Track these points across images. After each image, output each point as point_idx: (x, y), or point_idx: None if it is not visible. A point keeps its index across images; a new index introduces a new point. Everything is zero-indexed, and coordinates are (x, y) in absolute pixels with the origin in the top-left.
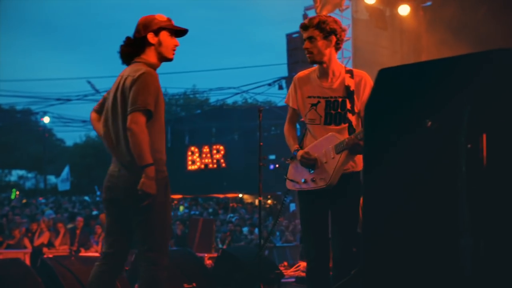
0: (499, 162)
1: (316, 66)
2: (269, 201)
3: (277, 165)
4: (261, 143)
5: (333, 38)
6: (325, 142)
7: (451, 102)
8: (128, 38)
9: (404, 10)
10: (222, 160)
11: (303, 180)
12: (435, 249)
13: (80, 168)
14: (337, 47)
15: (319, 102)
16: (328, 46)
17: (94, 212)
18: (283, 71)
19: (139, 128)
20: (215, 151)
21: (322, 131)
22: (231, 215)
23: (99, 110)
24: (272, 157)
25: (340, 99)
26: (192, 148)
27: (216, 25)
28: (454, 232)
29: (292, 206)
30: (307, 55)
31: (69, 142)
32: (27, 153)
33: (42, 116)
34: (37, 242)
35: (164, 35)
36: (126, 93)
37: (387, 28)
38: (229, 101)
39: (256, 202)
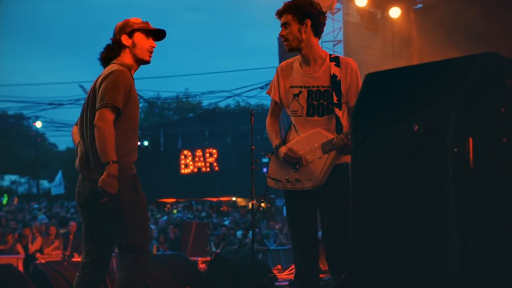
0: (485, 164)
1: (298, 55)
2: (262, 204)
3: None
4: (253, 147)
5: (308, 22)
6: (310, 139)
7: (438, 106)
8: (107, 45)
9: (395, 12)
10: (215, 164)
11: (287, 179)
12: (423, 250)
13: (72, 173)
14: (316, 31)
15: (301, 92)
16: (304, 30)
17: None
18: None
19: (105, 124)
20: (208, 155)
21: (304, 123)
22: (225, 218)
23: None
24: (265, 160)
25: (322, 89)
26: (185, 152)
27: (208, 29)
28: (442, 234)
29: (285, 210)
30: (284, 43)
31: (61, 147)
32: (20, 158)
33: (35, 121)
34: (31, 249)
35: (138, 36)
36: (97, 91)
37: (378, 30)
38: (222, 104)
39: (250, 205)
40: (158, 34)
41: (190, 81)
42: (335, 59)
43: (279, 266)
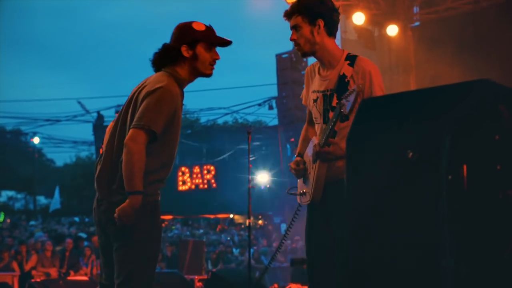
0: (479, 191)
1: None
2: (260, 221)
3: (267, 185)
4: (250, 165)
5: (321, 22)
6: (309, 149)
7: (432, 132)
8: (163, 45)
9: (392, 30)
10: (213, 181)
11: (301, 193)
12: (417, 271)
13: (69, 189)
14: (330, 31)
15: (318, 97)
16: (317, 32)
17: (81, 234)
18: (273, 91)
19: (136, 147)
20: (205, 172)
21: (320, 132)
22: (222, 236)
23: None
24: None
25: (329, 92)
26: (183, 169)
27: None
28: (436, 255)
29: (283, 227)
30: (295, 48)
31: (59, 163)
32: (17, 174)
33: (32, 137)
34: (27, 267)
35: (201, 48)
36: (138, 105)
37: (375, 48)
38: (220, 121)
39: (247, 223)
40: (221, 43)
41: (188, 98)
42: (351, 58)
43: (275, 285)
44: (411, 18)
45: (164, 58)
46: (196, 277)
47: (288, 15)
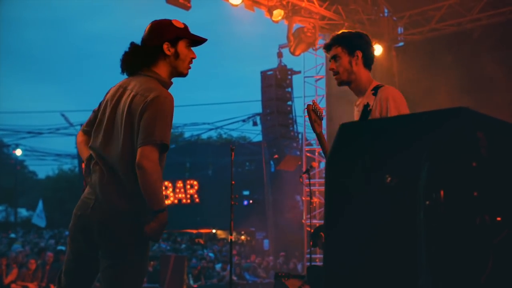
0: (456, 217)
1: None
2: (242, 237)
3: (250, 201)
4: (233, 182)
5: (359, 53)
6: None
7: (410, 158)
8: (134, 45)
9: (377, 50)
10: (195, 195)
11: None
12: None
13: (52, 202)
14: (367, 63)
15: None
16: (355, 62)
17: (61, 247)
18: (258, 108)
19: (153, 166)
20: (189, 186)
21: None
22: (206, 250)
23: (88, 130)
24: (246, 192)
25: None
26: (166, 183)
27: (194, 59)
28: (413, 276)
29: (266, 243)
30: (334, 77)
31: (41, 175)
32: None
33: (14, 149)
34: (6, 280)
35: (181, 45)
36: (134, 115)
37: None
38: (204, 136)
39: (229, 239)
40: (197, 43)
41: None
42: (376, 88)
43: None
44: (395, 39)
45: (142, 57)
46: None
47: (328, 46)
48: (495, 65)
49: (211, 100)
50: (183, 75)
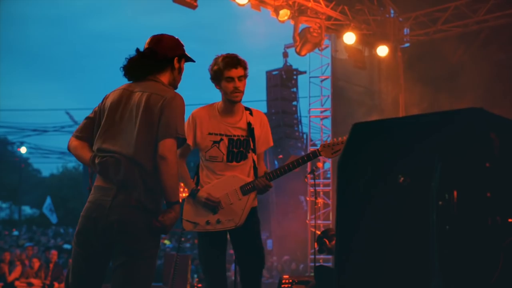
0: (469, 217)
1: (215, 103)
2: None
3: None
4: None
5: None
6: (227, 183)
7: (423, 158)
8: (141, 53)
9: (382, 51)
10: None
11: (207, 221)
12: None
13: (56, 200)
14: None
15: (221, 139)
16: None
17: (66, 246)
18: (263, 107)
19: (175, 158)
20: None
21: (222, 168)
22: None
23: (82, 136)
24: None
25: (242, 138)
26: None
27: (198, 59)
28: (426, 277)
29: (269, 242)
30: (237, 94)
31: (45, 173)
32: (2, 183)
33: (19, 146)
34: (10, 278)
35: (183, 62)
36: (153, 111)
37: (365, 67)
38: None
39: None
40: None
41: None
42: (248, 109)
43: None
44: (401, 39)
45: (152, 65)
46: None
47: (237, 65)
48: (502, 66)
49: (217, 100)
50: (176, 87)
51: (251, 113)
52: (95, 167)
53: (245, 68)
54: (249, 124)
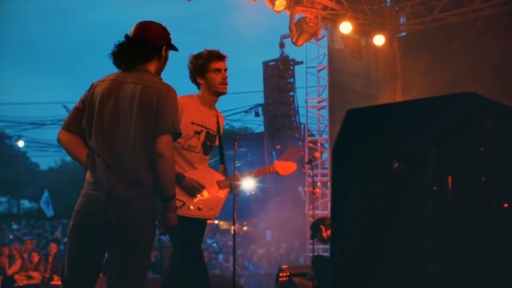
0: (463, 203)
1: (194, 95)
2: (245, 228)
3: (253, 192)
4: (236, 172)
5: None
6: (206, 175)
7: (417, 144)
8: (130, 40)
9: (379, 40)
10: None
11: (188, 207)
12: (402, 280)
13: (54, 193)
14: None
15: (202, 131)
16: None
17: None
18: (260, 98)
19: (172, 154)
20: None
21: (198, 160)
22: (210, 240)
23: (72, 129)
24: None
25: (213, 133)
26: None
27: (194, 50)
28: (421, 264)
29: (269, 233)
30: (224, 85)
31: (43, 166)
32: (0, 177)
33: (17, 140)
34: (9, 271)
35: (168, 51)
36: (148, 105)
37: (362, 57)
38: None
39: (232, 229)
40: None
41: None
42: (215, 108)
43: None
44: (397, 29)
45: (141, 53)
46: None
47: (223, 58)
48: (498, 55)
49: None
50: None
51: (216, 111)
52: (95, 169)
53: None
54: (217, 121)
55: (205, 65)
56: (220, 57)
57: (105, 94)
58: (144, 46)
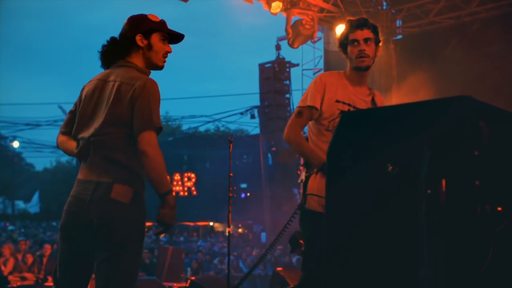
0: (457, 206)
1: (341, 71)
2: (239, 230)
3: (248, 194)
4: (231, 174)
5: (379, 46)
6: None
7: (411, 147)
8: (112, 38)
9: None
10: (193, 188)
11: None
12: (396, 282)
13: (49, 194)
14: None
15: (349, 110)
16: (377, 52)
17: None
18: (256, 100)
19: (156, 150)
20: (186, 179)
21: None
22: (204, 243)
23: (67, 131)
24: (244, 185)
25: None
26: None
27: (191, 51)
28: (414, 266)
29: (263, 235)
30: (363, 58)
31: (38, 167)
32: None
33: (12, 141)
34: (4, 272)
35: (155, 38)
36: (122, 103)
37: None
38: (202, 129)
39: (226, 231)
40: (174, 38)
41: (170, 105)
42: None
43: None
44: (393, 31)
45: (118, 49)
46: (175, 284)
47: (363, 26)
48: (494, 58)
49: (209, 93)
50: (158, 67)
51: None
52: (77, 154)
53: (374, 31)
54: (373, 100)
55: (344, 37)
56: (358, 25)
57: (88, 94)
58: (120, 41)
